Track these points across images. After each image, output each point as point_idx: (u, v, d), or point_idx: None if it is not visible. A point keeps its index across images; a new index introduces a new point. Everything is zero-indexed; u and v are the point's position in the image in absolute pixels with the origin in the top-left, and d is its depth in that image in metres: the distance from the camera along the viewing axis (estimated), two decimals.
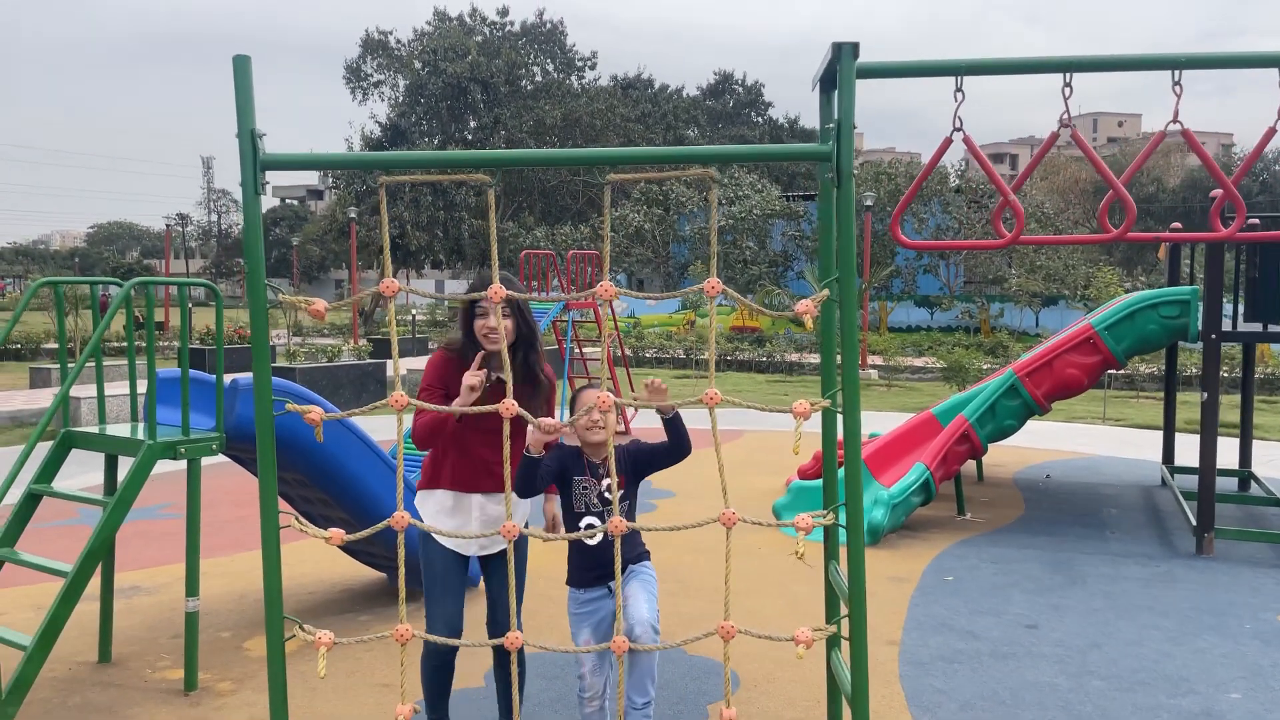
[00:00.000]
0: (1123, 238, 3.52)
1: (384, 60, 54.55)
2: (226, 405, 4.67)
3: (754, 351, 24.61)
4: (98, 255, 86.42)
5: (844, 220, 3.29)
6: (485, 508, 3.78)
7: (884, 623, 5.58)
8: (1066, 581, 6.49)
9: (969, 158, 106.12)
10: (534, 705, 4.46)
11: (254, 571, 6.58)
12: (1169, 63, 3.44)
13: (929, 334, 30.68)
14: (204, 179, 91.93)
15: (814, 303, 3.14)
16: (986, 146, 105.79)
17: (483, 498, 3.77)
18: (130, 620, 5.59)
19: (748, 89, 65.10)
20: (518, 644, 3.09)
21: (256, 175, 3.22)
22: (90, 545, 4.14)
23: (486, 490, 3.76)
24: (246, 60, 3.23)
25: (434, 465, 3.82)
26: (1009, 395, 7.85)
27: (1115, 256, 46.48)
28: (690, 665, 4.95)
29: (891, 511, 7.41)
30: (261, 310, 3.26)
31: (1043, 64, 3.47)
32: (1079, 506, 8.78)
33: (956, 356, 18.09)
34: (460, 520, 3.78)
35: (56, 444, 4.66)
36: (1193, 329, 7.36)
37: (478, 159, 3.29)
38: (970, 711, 4.47)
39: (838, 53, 3.25)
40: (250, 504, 8.39)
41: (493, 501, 3.77)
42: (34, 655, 4.00)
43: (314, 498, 5.48)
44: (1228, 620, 5.72)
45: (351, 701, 4.55)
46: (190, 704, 4.50)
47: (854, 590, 3.22)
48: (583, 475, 3.69)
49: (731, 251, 37.39)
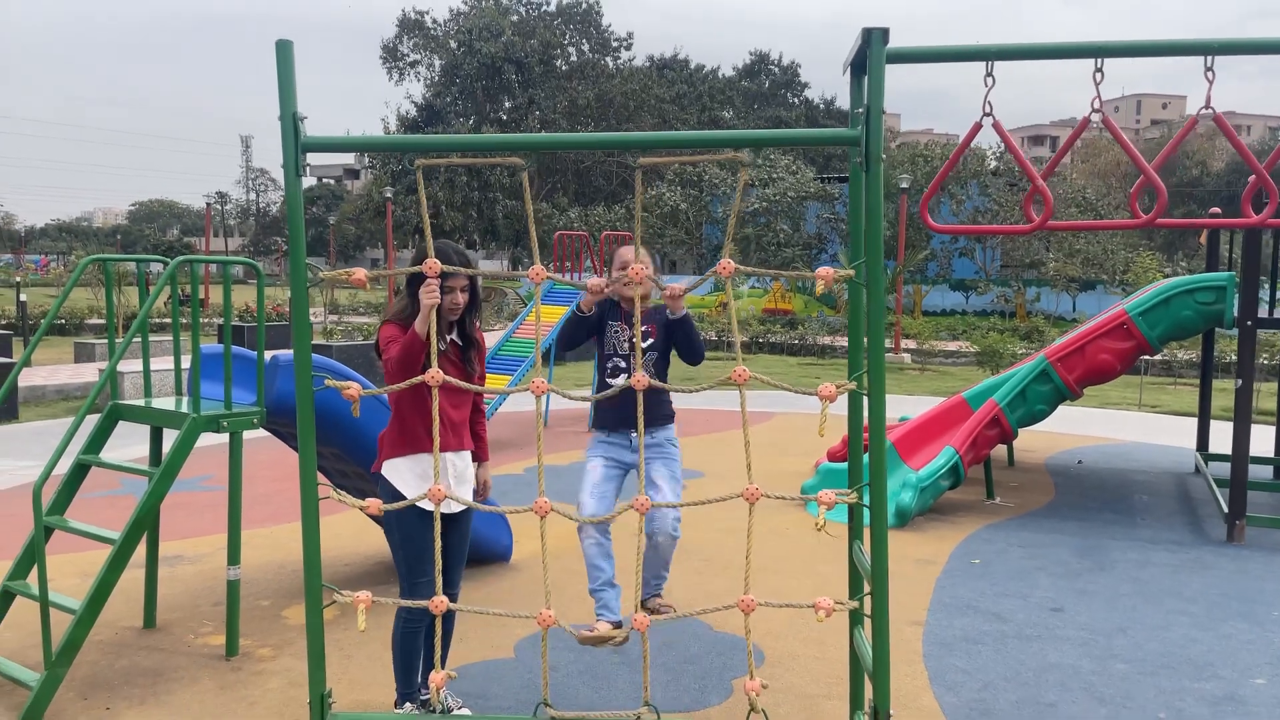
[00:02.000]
0: (1152, 223, 3.53)
1: (420, 40, 54.75)
2: (267, 381, 4.80)
3: (786, 334, 24.58)
4: (139, 233, 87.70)
5: (873, 204, 3.33)
6: (455, 464, 3.94)
7: (909, 603, 5.64)
8: (1094, 566, 6.49)
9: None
10: (563, 676, 4.56)
11: (292, 543, 6.76)
12: (1201, 48, 3.43)
13: (964, 318, 30.45)
14: (243, 158, 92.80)
15: (834, 272, 3.18)
16: (1026, 128, 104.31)
17: (452, 455, 3.92)
18: (173, 588, 5.77)
19: (784, 69, 64.59)
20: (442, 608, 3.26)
21: (298, 157, 3.32)
22: (137, 513, 4.29)
23: (454, 448, 3.91)
24: (289, 45, 3.32)
25: (404, 431, 3.88)
26: (1040, 380, 7.84)
27: (1156, 241, 45.75)
28: (715, 640, 5.04)
29: (920, 494, 7.44)
30: (302, 288, 3.36)
31: (1074, 49, 3.47)
32: (1110, 492, 8.75)
33: (991, 341, 17.98)
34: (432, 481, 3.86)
35: (104, 416, 4.81)
36: (1228, 315, 7.30)
37: (512, 142, 3.36)
38: (992, 691, 4.52)
39: (868, 38, 3.28)
40: (287, 478, 8.59)
41: (459, 459, 3.94)
42: (83, 618, 4.16)
43: (350, 471, 5.61)
44: (1256, 607, 5.72)
45: (383, 669, 4.67)
46: (232, 668, 4.66)
47: (877, 567, 3.28)
48: (617, 321, 3.99)
49: (765, 234, 37.23)
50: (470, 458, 4.04)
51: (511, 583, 5.97)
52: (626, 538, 4.26)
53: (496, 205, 45.69)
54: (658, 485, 3.90)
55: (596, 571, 3.93)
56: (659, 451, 3.97)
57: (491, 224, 46.42)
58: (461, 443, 3.96)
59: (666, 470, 3.95)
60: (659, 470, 3.94)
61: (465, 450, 3.99)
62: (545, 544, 3.27)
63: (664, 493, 3.88)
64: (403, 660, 3.96)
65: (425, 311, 3.57)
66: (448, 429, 3.86)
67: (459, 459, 3.95)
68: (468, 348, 3.99)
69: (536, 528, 3.23)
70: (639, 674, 4.54)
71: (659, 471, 3.94)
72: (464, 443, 3.97)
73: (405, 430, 3.89)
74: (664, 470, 3.94)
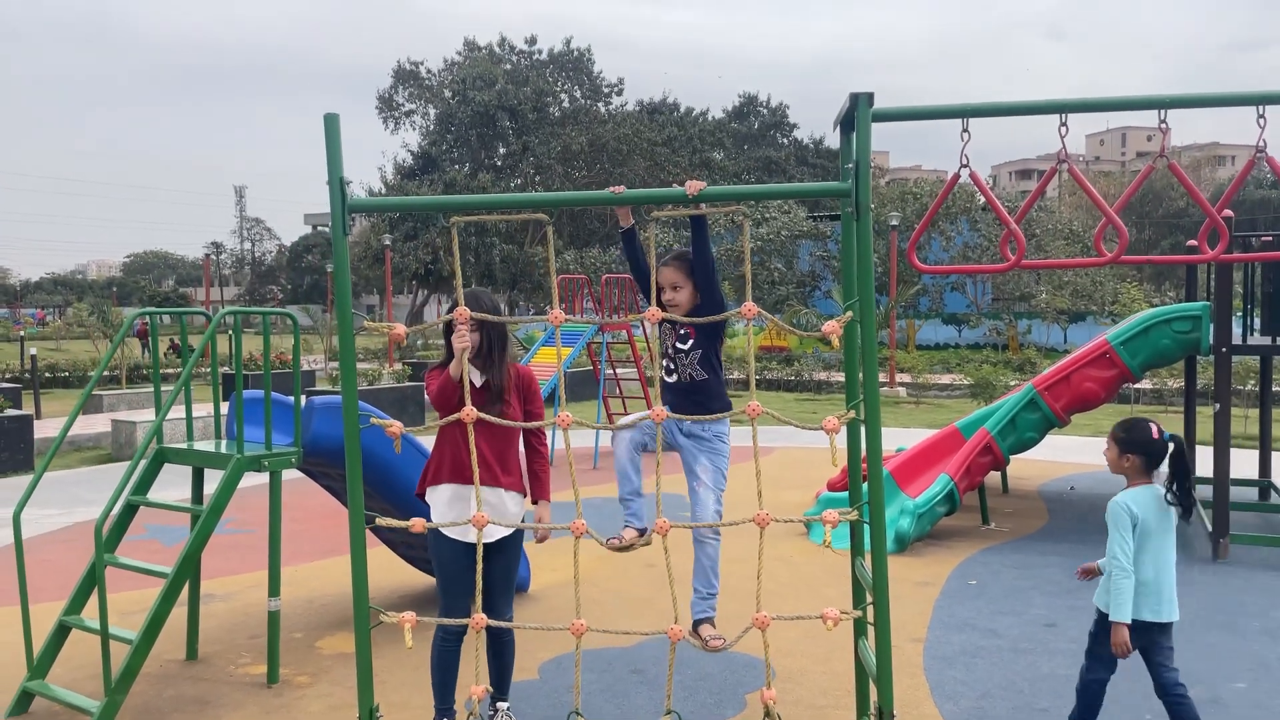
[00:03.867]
0: (1116, 260, 3.90)
1: (415, 90, 55.68)
2: (304, 423, 5.13)
3: (783, 370, 24.95)
4: (134, 284, 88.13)
5: (863, 249, 3.71)
6: (486, 498, 4.21)
7: (910, 622, 5.94)
8: (1085, 585, 6.77)
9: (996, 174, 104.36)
10: (586, 695, 4.85)
11: (318, 579, 7.06)
12: (1155, 103, 3.82)
13: (957, 351, 30.87)
14: (237, 208, 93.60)
15: (839, 323, 3.56)
16: (1014, 163, 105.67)
17: (484, 489, 4.18)
18: (209, 624, 6.05)
19: (772, 110, 65.70)
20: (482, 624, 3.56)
21: (344, 217, 3.68)
22: (188, 549, 4.61)
23: (485, 483, 4.17)
24: (335, 118, 3.71)
25: (436, 463, 4.27)
26: (1029, 409, 8.19)
27: (1145, 272, 46.37)
28: (728, 660, 5.34)
29: (917, 520, 7.75)
30: (348, 337, 3.71)
31: (1039, 106, 3.86)
32: (1101, 516, 8.99)
33: (984, 373, 18.35)
34: (460, 509, 4.20)
35: (151, 461, 5.14)
36: (1204, 343, 7.68)
37: (540, 200, 3.73)
38: (989, 700, 4.82)
39: (855, 101, 3.68)
40: (310, 519, 8.88)
41: (489, 492, 4.19)
42: (139, 648, 4.46)
43: (375, 507, 5.93)
44: (1238, 619, 6.03)
45: (416, 691, 4.97)
46: (273, 695, 4.95)
47: (878, 577, 3.60)
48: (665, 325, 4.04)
49: (759, 272, 37.76)
50: (509, 493, 4.26)
51: (530, 611, 6.26)
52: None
53: (494, 250, 46.27)
54: (698, 476, 4.02)
55: (626, 480, 4.08)
56: (706, 445, 4.07)
57: (489, 268, 46.96)
58: (495, 479, 4.19)
59: (711, 464, 4.04)
60: (703, 464, 4.04)
61: (500, 486, 4.22)
62: (577, 559, 3.59)
63: (704, 482, 4.01)
64: (439, 676, 4.26)
65: (458, 354, 3.93)
66: (479, 464, 4.16)
67: (491, 493, 4.20)
68: (496, 387, 4.25)
69: (554, 560, 3.55)
70: (658, 691, 4.85)
71: (703, 465, 4.03)
72: (498, 479, 4.19)
73: (438, 462, 4.23)
74: (708, 464, 4.03)
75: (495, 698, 4.46)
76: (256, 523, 7.98)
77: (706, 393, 4.07)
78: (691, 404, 3.99)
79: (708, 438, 4.08)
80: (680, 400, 4.01)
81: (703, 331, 4.06)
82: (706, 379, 4.05)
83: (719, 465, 4.08)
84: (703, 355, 4.07)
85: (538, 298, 48.29)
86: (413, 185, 48.19)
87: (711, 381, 4.05)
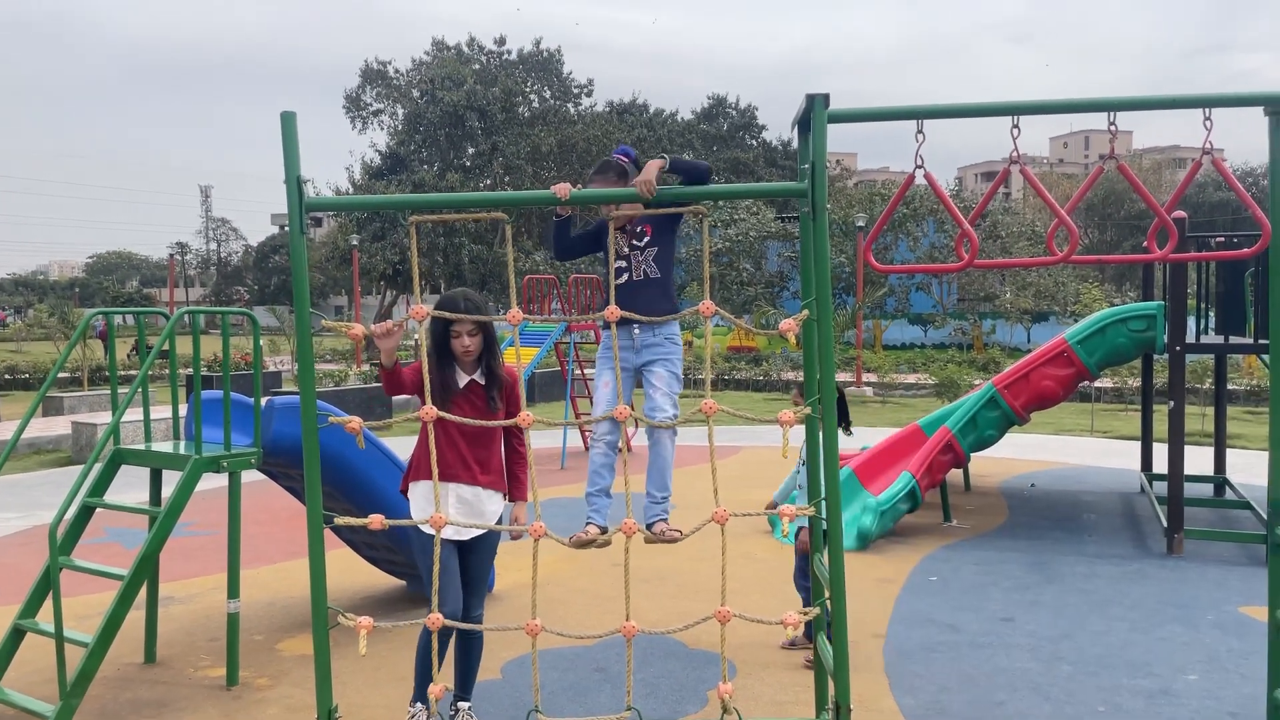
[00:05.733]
0: (1068, 259, 3.97)
1: (383, 90, 55.27)
2: (263, 423, 5.10)
3: (751, 370, 25.05)
4: (97, 285, 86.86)
5: (820, 248, 3.75)
6: (460, 494, 4.25)
7: (871, 618, 6.00)
8: (1043, 580, 6.91)
9: (962, 176, 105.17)
10: (549, 694, 4.86)
11: (277, 582, 7.01)
12: (1105, 105, 3.89)
13: (923, 351, 31.15)
14: (202, 208, 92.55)
15: (796, 321, 3.61)
16: (978, 165, 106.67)
17: (458, 485, 4.24)
18: (167, 627, 5.99)
19: (741, 112, 65.85)
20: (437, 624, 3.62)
21: (302, 216, 3.67)
22: (145, 550, 4.56)
23: (463, 481, 4.22)
24: (292, 116, 3.69)
25: (418, 460, 4.29)
26: (989, 407, 8.30)
27: (1106, 273, 47.06)
28: (690, 656, 5.37)
29: (880, 518, 7.83)
30: (306, 336, 3.70)
31: (992, 109, 3.92)
32: (1060, 513, 9.20)
33: (949, 373, 18.55)
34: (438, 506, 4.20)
35: (107, 462, 5.08)
36: (1159, 342, 7.81)
37: (499, 199, 3.74)
38: (948, 693, 4.88)
39: (811, 102, 3.71)
40: (271, 522, 8.81)
41: (468, 490, 4.24)
42: (95, 651, 4.41)
43: (337, 508, 5.89)
44: (1191, 612, 6.14)
45: (376, 692, 4.96)
46: (233, 698, 4.91)
47: (834, 574, 3.64)
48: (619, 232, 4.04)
49: (728, 273, 37.92)
50: (487, 491, 4.29)
51: (496, 611, 6.25)
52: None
53: (462, 250, 46.07)
54: (654, 384, 4.07)
55: (596, 478, 4.11)
56: (659, 352, 4.10)
57: (457, 268, 46.75)
58: (474, 477, 4.23)
59: (665, 370, 4.09)
60: (657, 371, 4.09)
61: (479, 485, 4.25)
62: (536, 560, 3.60)
63: (659, 389, 4.06)
64: (420, 665, 4.27)
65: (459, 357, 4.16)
66: (458, 462, 4.19)
67: (468, 491, 4.23)
68: (490, 387, 4.28)
69: (518, 560, 3.57)
70: (620, 689, 4.86)
71: (656, 373, 4.09)
72: (477, 478, 4.24)
73: (420, 459, 4.24)
74: (662, 370, 4.08)
75: (457, 697, 4.46)
76: (217, 525, 7.90)
77: (658, 288, 4.07)
78: (642, 302, 3.93)
79: (659, 341, 4.10)
80: (631, 301, 3.92)
81: (658, 229, 4.08)
82: (660, 276, 4.06)
83: (673, 371, 4.11)
84: (659, 253, 4.09)
85: (507, 298, 48.11)
86: (381, 185, 47.85)
87: (664, 279, 4.06)
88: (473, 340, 4.20)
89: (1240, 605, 6.27)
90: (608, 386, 4.10)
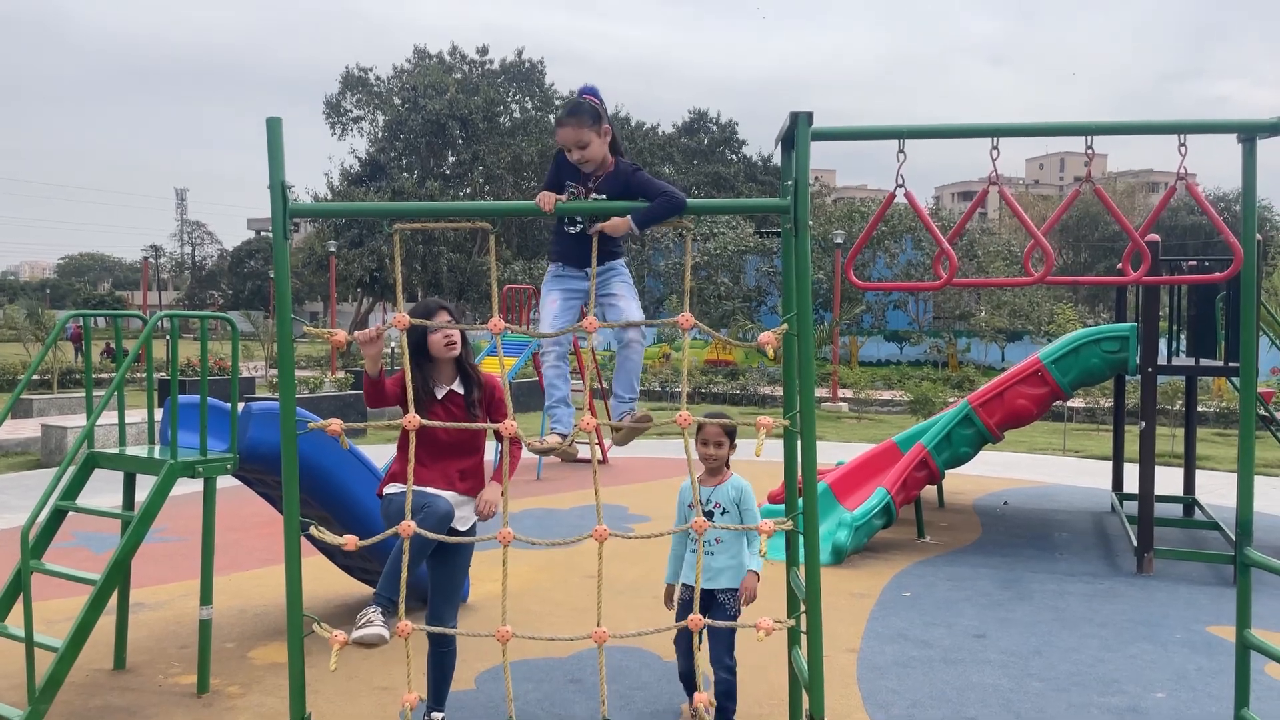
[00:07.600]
0: (1043, 280, 4.03)
1: (364, 96, 55.13)
2: (240, 429, 5.07)
3: (728, 384, 25.12)
4: (69, 286, 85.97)
5: (802, 264, 3.78)
6: None
7: (844, 633, 6.02)
8: (1015, 597, 6.96)
9: (939, 195, 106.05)
10: (523, 704, 4.85)
11: (251, 589, 6.95)
12: (1083, 129, 3.96)
13: (898, 368, 31.36)
14: (177, 211, 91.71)
15: (775, 334, 3.63)
16: (956, 184, 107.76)
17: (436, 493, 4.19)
18: (138, 633, 5.93)
19: (721, 127, 66.17)
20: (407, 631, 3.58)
21: (285, 222, 3.67)
22: (117, 555, 4.52)
23: (439, 487, 4.19)
24: (278, 122, 3.69)
25: (399, 466, 4.24)
26: (964, 424, 8.37)
27: (1080, 294, 47.54)
28: (665, 669, 5.37)
29: (854, 533, 7.87)
30: (287, 342, 3.69)
31: (973, 130, 3.98)
32: (1033, 530, 9.28)
33: (924, 390, 18.69)
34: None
35: (81, 466, 5.03)
36: (1131, 363, 7.92)
37: (485, 209, 3.75)
38: (920, 709, 4.91)
39: (794, 120, 3.76)
40: (246, 528, 8.74)
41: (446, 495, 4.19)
42: (65, 655, 4.36)
43: (312, 515, 5.86)
44: (1160, 630, 6.22)
45: (351, 702, 4.93)
46: (203, 705, 4.86)
47: (810, 587, 3.67)
48: (575, 183, 4.00)
49: (706, 287, 38.05)
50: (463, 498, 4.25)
51: (470, 621, 6.22)
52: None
53: (441, 259, 45.96)
54: (615, 293, 4.06)
55: (553, 389, 4.13)
56: (613, 273, 4.09)
57: (435, 277, 46.62)
58: (452, 484, 4.21)
59: (621, 283, 4.10)
60: (615, 285, 4.08)
61: (456, 491, 4.22)
62: (506, 567, 3.60)
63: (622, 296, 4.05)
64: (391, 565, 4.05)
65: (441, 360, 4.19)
66: (436, 471, 4.17)
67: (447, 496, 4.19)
68: (469, 393, 4.28)
69: (493, 571, 3.58)
70: (595, 700, 4.86)
71: (615, 286, 4.08)
72: (455, 485, 4.22)
73: (400, 465, 4.22)
74: (620, 285, 4.09)
75: (430, 708, 4.44)
76: (190, 531, 7.83)
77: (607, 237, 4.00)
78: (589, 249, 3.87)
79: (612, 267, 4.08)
80: (581, 250, 3.93)
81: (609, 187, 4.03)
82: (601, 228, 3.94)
83: (629, 285, 4.11)
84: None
85: (485, 307, 47.99)
86: (360, 192, 47.67)
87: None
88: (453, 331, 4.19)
89: (1208, 625, 6.34)
90: (555, 303, 4.10)
